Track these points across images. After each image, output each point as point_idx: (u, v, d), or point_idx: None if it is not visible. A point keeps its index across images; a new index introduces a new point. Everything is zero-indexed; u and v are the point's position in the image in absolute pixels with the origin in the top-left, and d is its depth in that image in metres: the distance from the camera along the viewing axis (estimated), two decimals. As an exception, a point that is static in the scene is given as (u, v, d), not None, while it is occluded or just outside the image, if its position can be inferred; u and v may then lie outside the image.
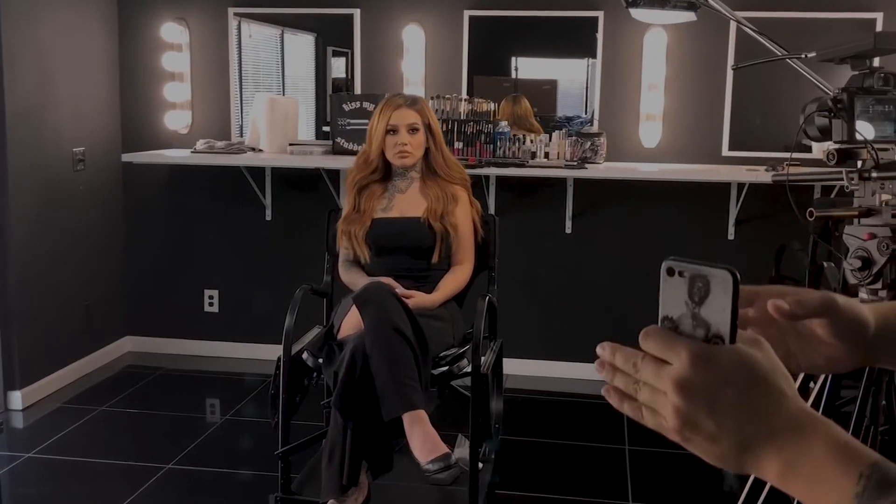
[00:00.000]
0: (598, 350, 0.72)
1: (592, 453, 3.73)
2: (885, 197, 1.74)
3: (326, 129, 4.87)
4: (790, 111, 4.42)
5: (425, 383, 2.76)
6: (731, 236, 4.42)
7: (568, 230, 4.53)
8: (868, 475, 0.62)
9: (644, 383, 0.69)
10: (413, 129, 3.12)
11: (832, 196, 3.86)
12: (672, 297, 0.70)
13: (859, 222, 1.47)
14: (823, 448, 0.64)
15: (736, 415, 0.66)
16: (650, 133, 4.40)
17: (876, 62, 3.74)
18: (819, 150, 4.28)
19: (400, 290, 2.93)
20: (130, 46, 4.78)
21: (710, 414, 0.66)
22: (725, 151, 4.37)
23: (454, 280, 3.15)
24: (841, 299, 0.83)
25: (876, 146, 1.38)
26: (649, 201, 4.47)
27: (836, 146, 1.43)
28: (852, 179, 1.42)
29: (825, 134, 1.44)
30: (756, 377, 0.67)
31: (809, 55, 1.58)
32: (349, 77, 4.78)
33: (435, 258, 3.12)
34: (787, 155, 4.21)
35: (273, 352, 4.87)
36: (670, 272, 0.70)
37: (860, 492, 0.62)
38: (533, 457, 3.72)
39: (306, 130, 4.94)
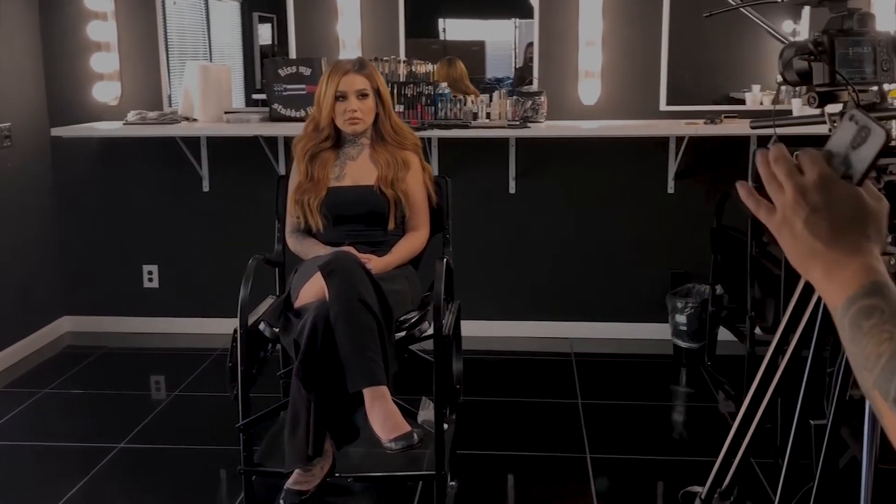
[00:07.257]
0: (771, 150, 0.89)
1: (548, 409, 3.78)
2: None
3: (257, 96, 4.78)
4: (723, 64, 4.49)
5: (389, 353, 2.74)
6: (671, 190, 4.48)
7: (512, 190, 4.54)
8: (866, 285, 0.78)
9: (778, 180, 0.86)
10: (362, 95, 3.08)
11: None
12: (840, 137, 0.85)
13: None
14: (858, 265, 0.80)
15: (819, 232, 0.82)
16: (589, 90, 4.42)
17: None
18: (752, 102, 4.37)
19: (357, 255, 2.90)
20: (52, 16, 4.59)
21: (805, 221, 0.82)
22: (663, 106, 4.42)
23: (408, 245, 3.13)
24: None
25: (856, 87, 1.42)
26: (591, 158, 4.50)
27: (818, 89, 1.46)
28: (835, 121, 1.45)
29: (804, 78, 1.47)
30: (853, 216, 0.82)
31: (787, -2, 1.59)
32: (276, 43, 4.68)
33: (391, 225, 3.10)
34: (722, 108, 4.28)
35: (217, 325, 4.77)
36: (850, 118, 0.85)
37: (852, 295, 0.78)
38: (491, 416, 3.75)
39: (237, 98, 4.82)
